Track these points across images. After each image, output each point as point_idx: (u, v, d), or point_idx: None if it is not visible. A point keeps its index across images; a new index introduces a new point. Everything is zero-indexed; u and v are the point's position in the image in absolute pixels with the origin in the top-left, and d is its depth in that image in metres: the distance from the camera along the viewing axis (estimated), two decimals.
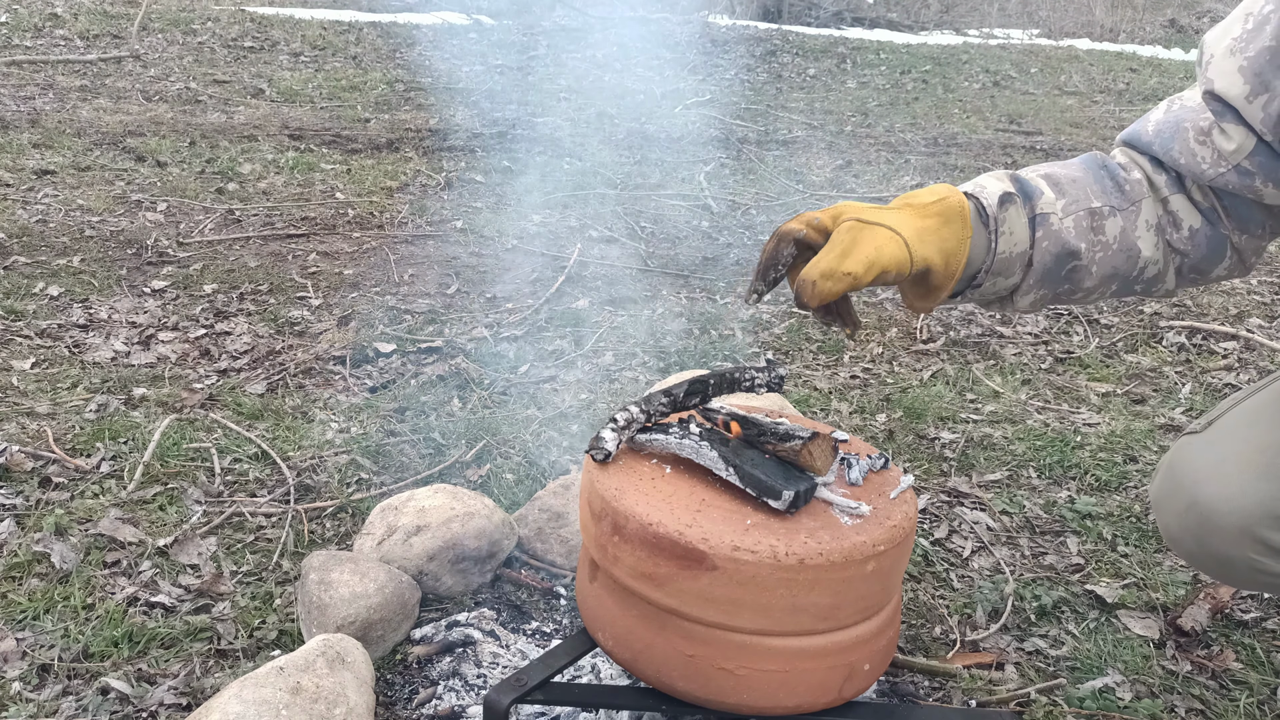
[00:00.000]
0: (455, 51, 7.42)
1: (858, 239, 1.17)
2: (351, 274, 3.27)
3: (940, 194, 1.23)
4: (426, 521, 1.75)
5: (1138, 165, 1.34)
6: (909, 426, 2.50)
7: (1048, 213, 1.28)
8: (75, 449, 2.13)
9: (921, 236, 1.21)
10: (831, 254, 1.16)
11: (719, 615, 1.14)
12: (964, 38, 10.66)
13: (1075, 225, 1.29)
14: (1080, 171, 1.32)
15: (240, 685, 1.32)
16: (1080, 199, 1.29)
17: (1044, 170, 1.33)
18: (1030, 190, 1.28)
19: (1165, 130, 1.31)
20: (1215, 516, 1.32)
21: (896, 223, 1.19)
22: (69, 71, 5.71)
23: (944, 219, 1.22)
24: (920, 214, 1.21)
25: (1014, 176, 1.30)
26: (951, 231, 1.22)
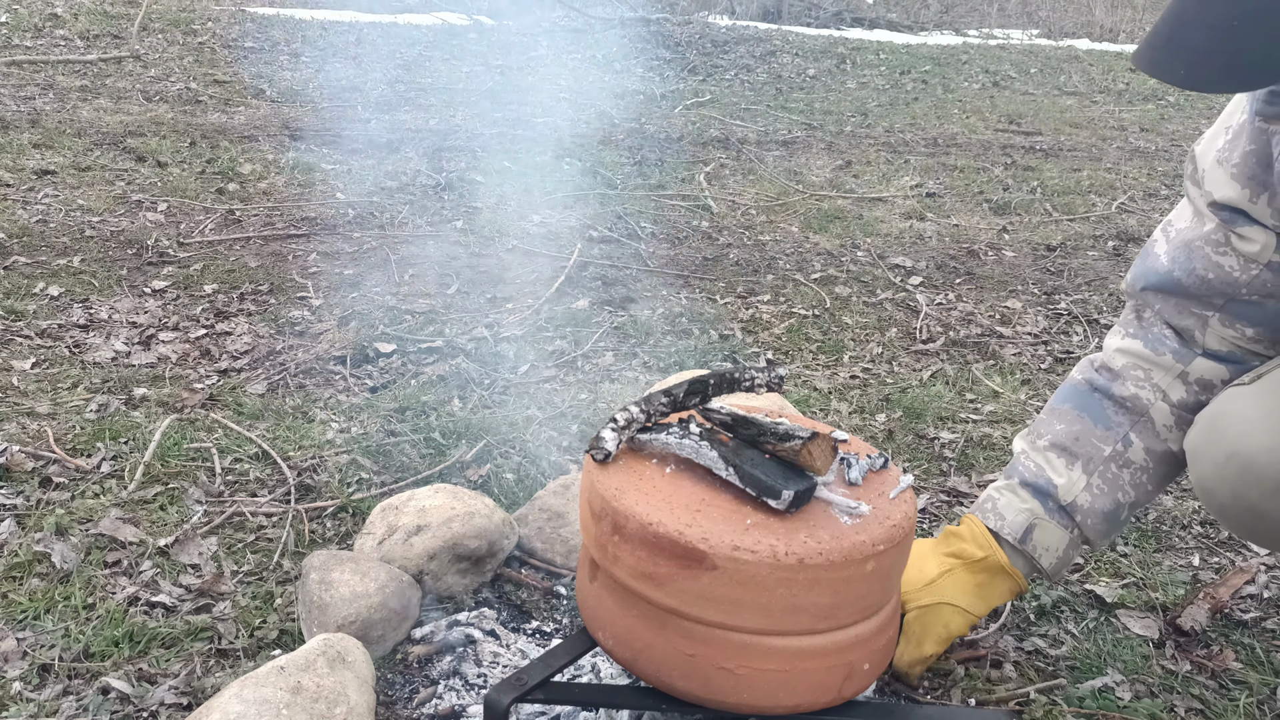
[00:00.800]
0: (455, 51, 7.42)
1: (927, 625, 1.40)
2: (351, 274, 3.27)
3: (984, 549, 1.42)
4: (427, 521, 1.75)
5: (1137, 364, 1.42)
6: (909, 426, 2.50)
7: (1072, 500, 1.43)
8: (76, 449, 2.13)
9: (980, 593, 1.41)
10: (910, 645, 1.40)
11: (719, 615, 1.14)
12: (964, 38, 10.66)
13: (1103, 482, 1.42)
14: (1078, 421, 1.45)
15: (241, 685, 1.32)
16: (1094, 455, 1.43)
17: (1049, 438, 1.46)
18: (1045, 489, 1.44)
19: (1179, 256, 1.39)
20: (1256, 468, 1.29)
21: (954, 594, 1.40)
22: (69, 71, 5.71)
23: (991, 574, 1.42)
24: (971, 571, 1.41)
25: (1025, 482, 1.45)
26: (1002, 581, 1.43)
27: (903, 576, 1.36)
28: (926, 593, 1.41)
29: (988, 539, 1.44)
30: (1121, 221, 4.47)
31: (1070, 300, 3.46)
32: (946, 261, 3.82)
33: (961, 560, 1.42)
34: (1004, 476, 1.53)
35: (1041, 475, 1.45)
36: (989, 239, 4.14)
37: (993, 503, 1.48)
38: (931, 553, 1.46)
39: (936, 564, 1.43)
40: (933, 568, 1.43)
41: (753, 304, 3.27)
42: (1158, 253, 1.45)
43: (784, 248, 3.86)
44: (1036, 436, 1.50)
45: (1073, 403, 1.48)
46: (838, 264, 3.70)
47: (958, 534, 1.46)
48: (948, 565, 1.42)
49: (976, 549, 1.43)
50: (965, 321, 3.23)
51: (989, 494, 1.51)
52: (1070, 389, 1.51)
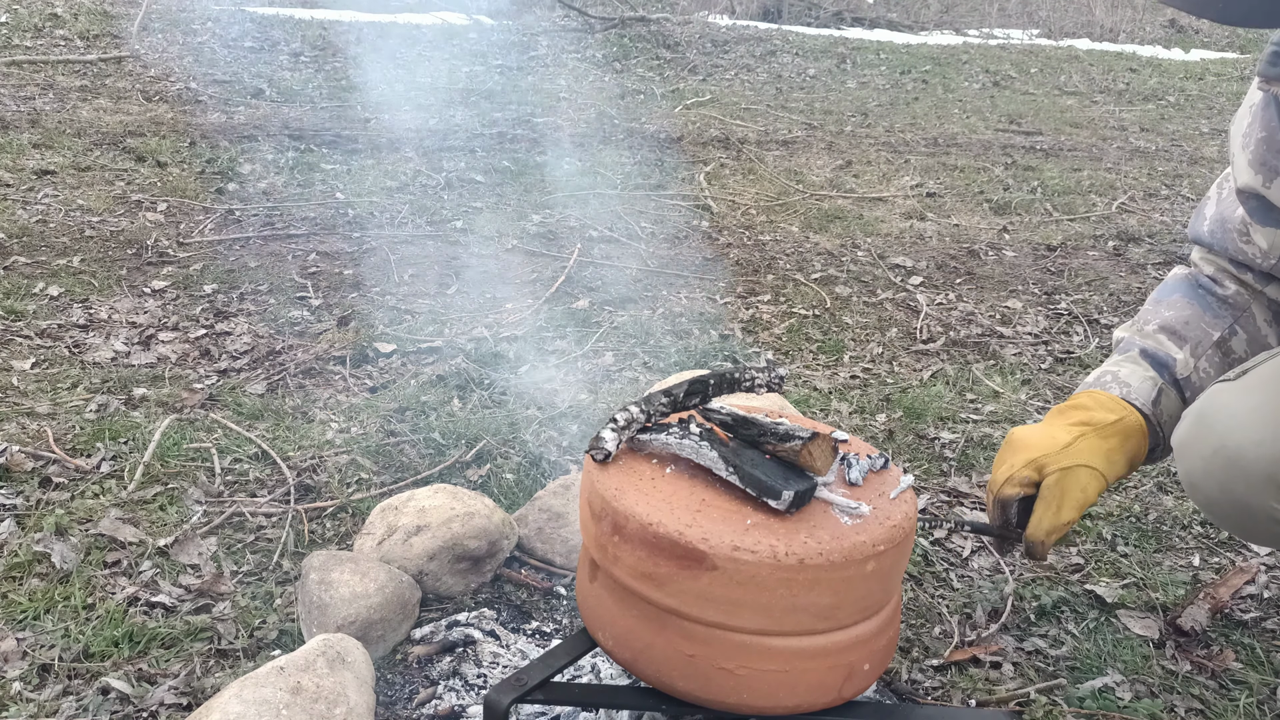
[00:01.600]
0: (455, 51, 7.41)
1: (1066, 489, 1.35)
2: (351, 274, 3.27)
3: (1116, 411, 1.39)
4: (426, 521, 1.75)
5: (1226, 272, 1.47)
6: (909, 426, 2.50)
7: (1186, 375, 1.43)
8: (75, 449, 2.13)
9: (1110, 459, 1.37)
10: (1049, 510, 1.34)
11: (719, 615, 1.14)
12: (964, 38, 10.66)
13: (1210, 365, 1.42)
14: (1188, 308, 1.47)
15: (240, 685, 1.32)
16: (1202, 339, 1.44)
17: (1158, 322, 1.48)
18: (1164, 360, 1.44)
19: (1218, 231, 1.46)
20: (1243, 461, 1.30)
21: (1090, 457, 1.36)
22: (69, 71, 5.71)
23: (1124, 436, 1.38)
24: (1102, 436, 1.38)
25: (1145, 352, 1.45)
26: (1134, 444, 1.39)
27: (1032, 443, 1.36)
28: (1065, 455, 1.35)
29: (1118, 403, 1.40)
30: (1121, 221, 4.47)
31: (1070, 300, 3.46)
32: (947, 261, 3.82)
33: (1092, 426, 1.38)
34: (1117, 354, 1.51)
35: (1159, 350, 1.45)
36: (989, 239, 4.14)
37: (1113, 375, 1.45)
38: (1057, 422, 1.41)
39: (1066, 431, 1.38)
40: (1063, 434, 1.38)
41: (753, 304, 3.27)
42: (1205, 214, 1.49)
43: (784, 248, 3.86)
44: (1144, 323, 1.50)
45: (1181, 293, 1.49)
46: (838, 264, 3.70)
47: (1079, 405, 1.41)
48: (1079, 431, 1.38)
49: (1107, 413, 1.39)
50: (965, 321, 3.23)
51: (1104, 370, 1.48)
52: (1176, 283, 1.52)
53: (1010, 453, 1.39)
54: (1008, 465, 1.37)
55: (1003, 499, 1.37)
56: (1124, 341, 1.52)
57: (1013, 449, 1.39)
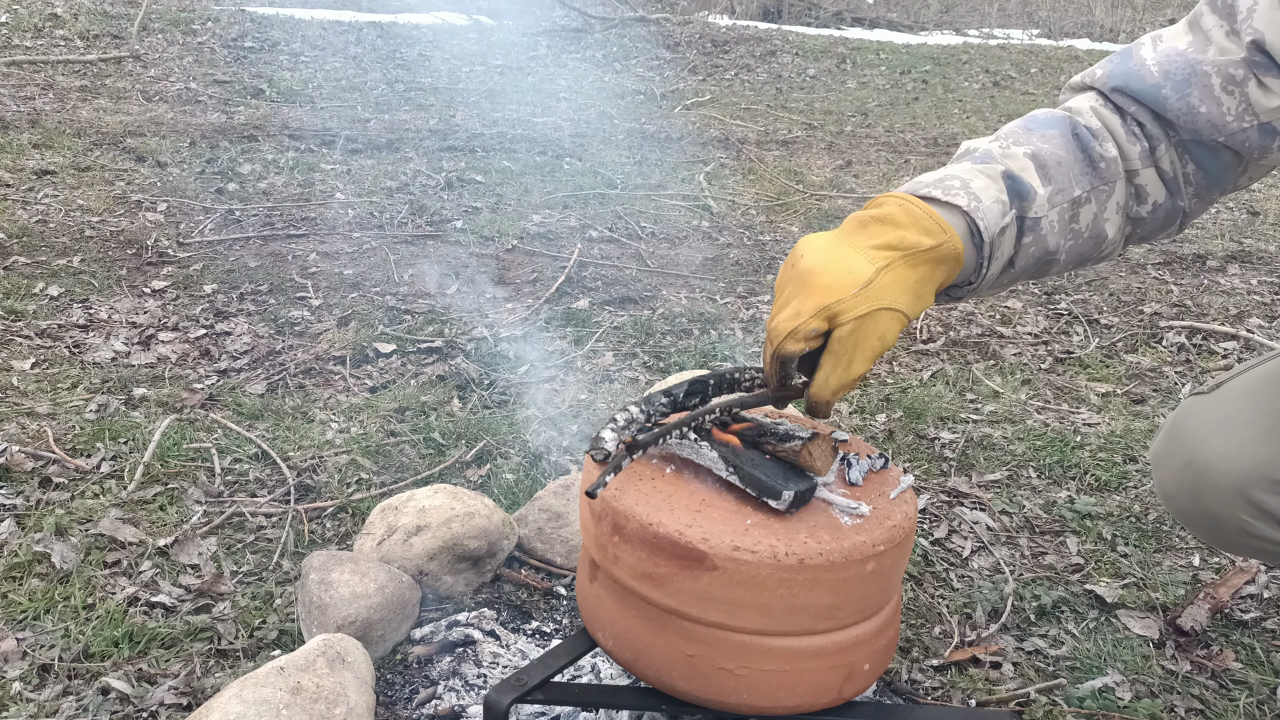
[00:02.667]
0: (455, 51, 7.42)
1: (859, 339, 1.10)
2: (351, 274, 3.27)
3: (933, 234, 1.12)
4: (426, 521, 1.75)
5: (1111, 134, 1.24)
6: (909, 426, 2.50)
7: (1038, 217, 1.19)
8: (75, 449, 2.13)
9: (918, 292, 1.12)
10: (839, 367, 1.11)
11: (719, 615, 1.14)
12: (964, 38, 10.66)
13: (1058, 220, 1.21)
14: (1064, 150, 1.22)
15: (240, 685, 1.32)
16: (1065, 187, 1.20)
17: (1030, 149, 1.21)
18: (1023, 191, 1.19)
19: (1176, 74, 1.21)
20: (1212, 475, 1.32)
21: (893, 296, 1.10)
22: (69, 71, 5.71)
23: (936, 264, 1.13)
24: (911, 264, 1.11)
25: (1008, 174, 1.19)
26: (944, 272, 1.14)
27: (823, 282, 1.09)
28: (864, 299, 1.08)
29: (936, 222, 1.12)
30: None
31: (1070, 300, 3.46)
32: None
33: (900, 251, 1.11)
34: (971, 162, 1.21)
35: (1024, 176, 1.19)
36: None
37: (961, 182, 1.16)
38: (852, 246, 1.13)
39: (867, 260, 1.10)
40: (863, 265, 1.10)
41: (753, 304, 3.27)
42: (1144, 58, 1.23)
43: (784, 248, 3.86)
44: (1013, 142, 1.23)
45: (1059, 130, 1.23)
46: None
47: (887, 220, 1.13)
48: (884, 259, 1.10)
49: (923, 235, 1.11)
50: (965, 321, 3.23)
51: (950, 173, 1.19)
52: (1056, 119, 1.25)
53: (797, 289, 1.11)
54: (792, 311, 1.10)
55: (784, 355, 1.11)
56: (981, 152, 1.23)
57: (800, 284, 1.11)
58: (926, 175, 1.20)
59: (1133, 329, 3.21)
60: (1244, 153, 1.21)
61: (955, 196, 1.15)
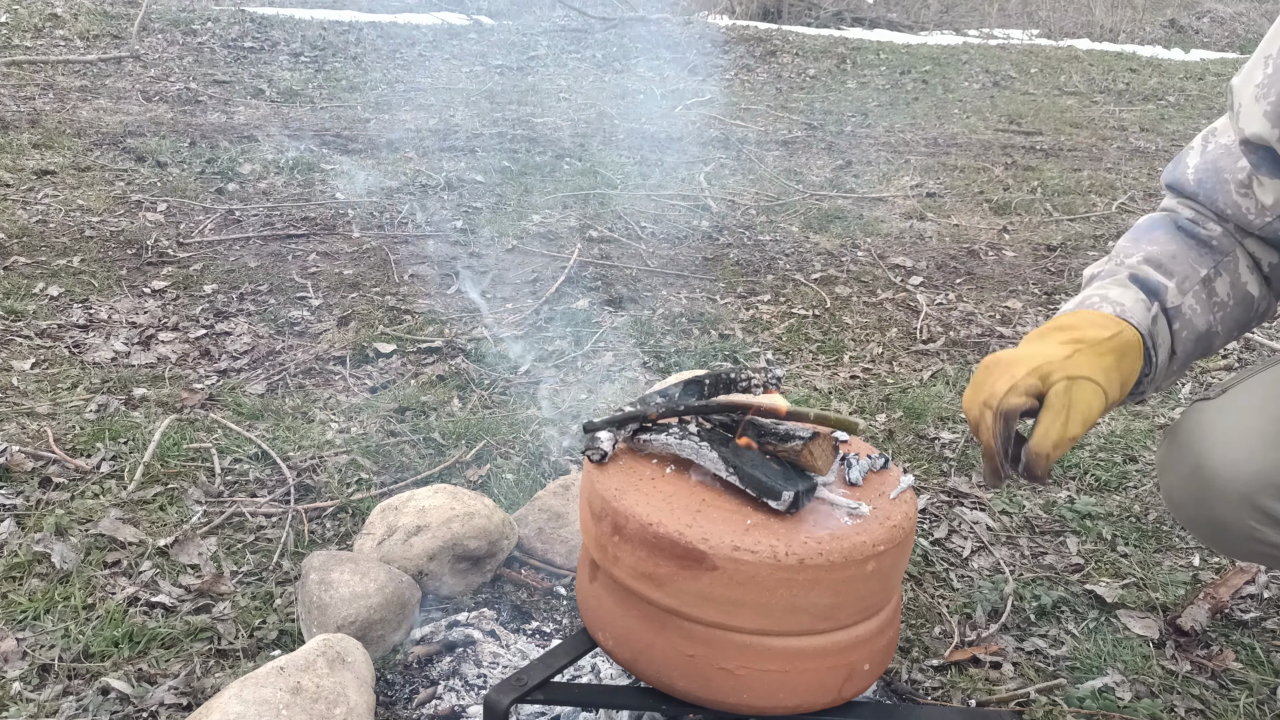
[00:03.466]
0: (455, 52, 7.41)
1: (1073, 401, 1.21)
2: (351, 274, 3.27)
3: (1109, 328, 1.26)
4: (426, 521, 1.75)
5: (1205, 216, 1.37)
6: (909, 426, 2.50)
7: (1177, 305, 1.32)
8: (75, 449, 2.13)
9: (1108, 375, 1.24)
10: (1057, 423, 1.20)
11: (719, 615, 1.14)
12: (964, 38, 10.66)
13: (1197, 302, 1.33)
14: (1173, 244, 1.35)
15: (240, 685, 1.32)
16: (1189, 274, 1.33)
17: (1142, 254, 1.36)
18: (1154, 287, 1.32)
19: (1207, 180, 1.34)
20: (1218, 481, 1.31)
21: (1091, 370, 1.23)
22: (69, 71, 5.71)
23: (1120, 354, 1.25)
24: (1098, 352, 1.24)
25: (1135, 278, 1.33)
26: (1129, 364, 1.26)
27: (1023, 357, 1.21)
28: (1069, 365, 1.20)
29: (1110, 319, 1.26)
30: (1122, 221, 4.46)
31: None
32: (947, 261, 3.82)
33: (1085, 343, 1.23)
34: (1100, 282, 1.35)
35: (1149, 277, 1.32)
36: (989, 239, 4.14)
37: (1100, 296, 1.30)
38: (1045, 340, 1.26)
39: (1059, 348, 1.23)
40: (1056, 350, 1.23)
41: (753, 304, 3.27)
42: (1188, 163, 1.37)
43: (784, 248, 3.86)
44: (1125, 256, 1.36)
45: (1163, 230, 1.37)
46: (838, 264, 3.70)
47: (1064, 325, 1.27)
48: (1072, 348, 1.23)
49: (1100, 330, 1.24)
50: (965, 321, 3.23)
51: (1089, 293, 1.32)
52: (1156, 221, 1.39)
53: (1001, 369, 1.23)
54: (1007, 377, 1.21)
55: (1007, 410, 1.20)
56: (1103, 273, 1.37)
57: (1003, 365, 1.23)
58: (1066, 304, 1.36)
59: None
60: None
61: (1101, 307, 1.30)
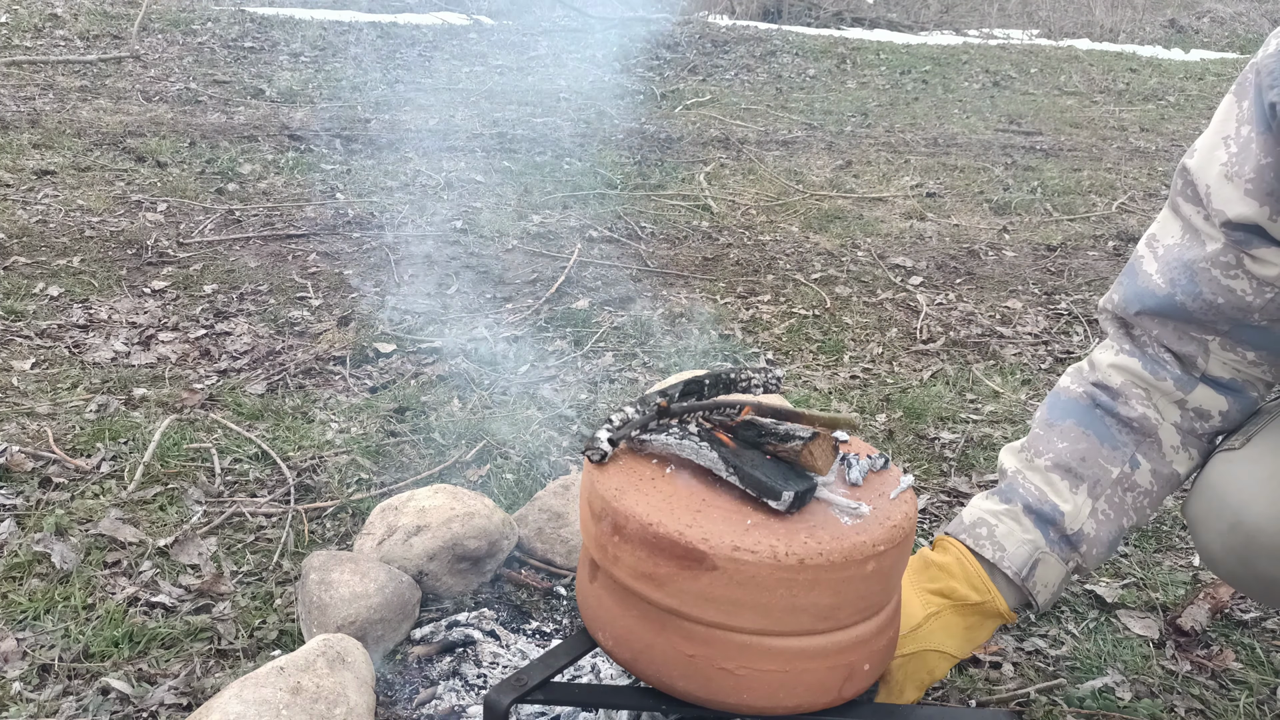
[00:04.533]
0: (455, 52, 7.41)
1: (909, 673, 1.31)
2: (351, 274, 3.27)
3: (980, 592, 1.30)
4: (426, 521, 1.75)
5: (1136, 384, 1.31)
6: (909, 427, 2.50)
7: (1078, 530, 1.32)
8: (75, 449, 2.13)
9: (967, 637, 1.31)
10: (890, 693, 1.31)
11: (719, 615, 1.14)
12: (964, 38, 10.65)
13: (1110, 506, 1.32)
14: (1083, 439, 1.32)
15: (240, 685, 1.32)
16: (1101, 478, 1.31)
17: (1050, 458, 1.33)
18: (1050, 516, 1.32)
19: (1180, 278, 1.27)
20: (1262, 537, 1.25)
21: (941, 640, 1.30)
22: (69, 72, 5.71)
23: (983, 617, 1.31)
24: (960, 613, 1.30)
25: (1028, 508, 1.32)
26: (991, 625, 1.33)
27: None
28: (911, 640, 1.29)
29: (984, 580, 1.31)
30: (1122, 221, 4.46)
31: (1070, 300, 3.46)
32: (947, 261, 3.82)
33: (951, 601, 1.30)
34: (999, 498, 1.37)
35: (1045, 501, 1.32)
36: (989, 239, 4.14)
37: (988, 529, 1.33)
38: (913, 589, 1.32)
39: (921, 604, 1.30)
40: (917, 609, 1.29)
41: (753, 304, 3.27)
42: (1149, 272, 1.31)
43: (784, 248, 3.86)
44: (1034, 454, 1.36)
45: (1075, 418, 1.34)
46: (838, 264, 3.70)
47: (944, 569, 1.32)
48: (935, 607, 1.30)
49: (971, 591, 1.30)
50: (965, 321, 3.23)
51: (981, 517, 1.35)
52: (1071, 404, 1.36)
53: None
54: None
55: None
56: (1010, 478, 1.37)
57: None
58: (970, 510, 1.38)
59: None
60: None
61: (983, 548, 1.33)
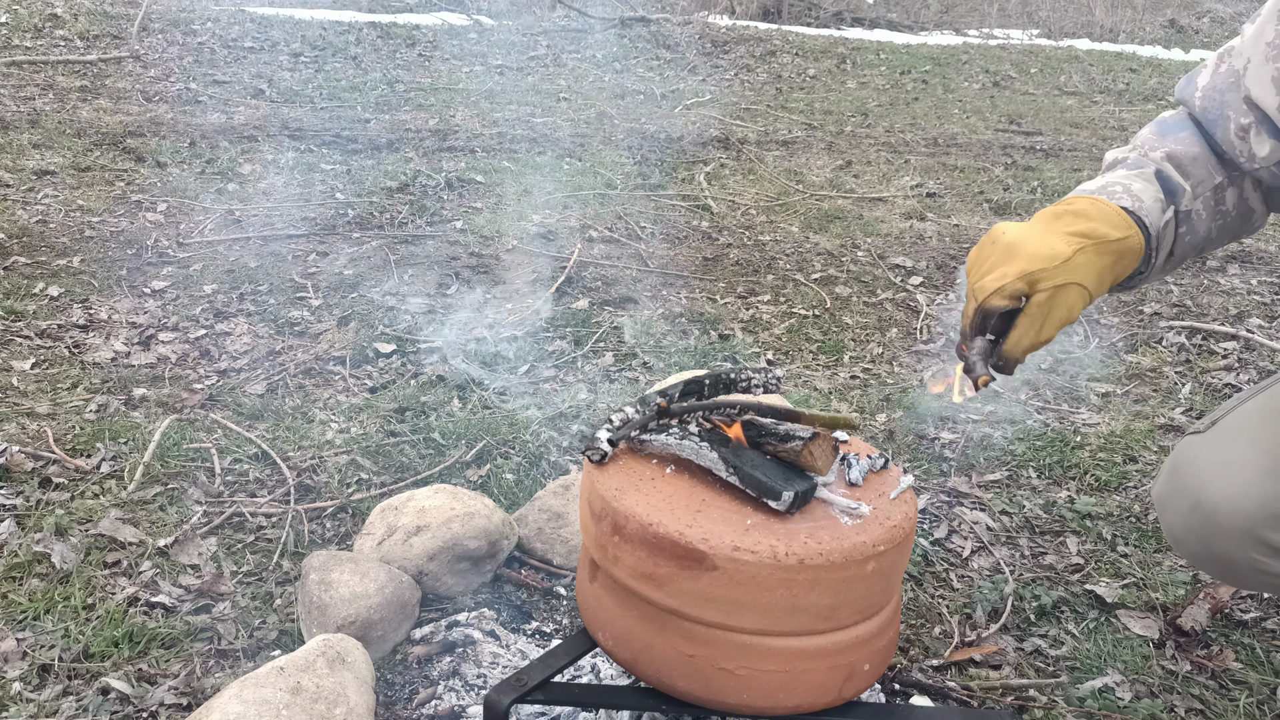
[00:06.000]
0: (455, 52, 7.41)
1: (1054, 307, 1.24)
2: (351, 274, 3.27)
3: (1121, 229, 1.25)
4: (426, 521, 1.75)
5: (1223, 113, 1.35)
6: (909, 427, 2.50)
7: (1188, 210, 1.33)
8: (75, 449, 2.13)
9: (1101, 277, 1.26)
10: (1033, 328, 1.23)
11: (719, 615, 1.14)
12: (964, 38, 10.65)
13: (1205, 209, 1.34)
14: (1195, 146, 1.35)
15: (240, 685, 1.32)
16: (1204, 179, 1.34)
17: (1165, 151, 1.35)
18: (1174, 188, 1.33)
19: (1210, 110, 1.34)
20: (1219, 517, 1.32)
21: (1084, 275, 1.24)
22: (69, 72, 5.70)
23: (1120, 256, 1.26)
24: (1100, 251, 1.25)
25: (1159, 174, 1.33)
26: (1125, 265, 1.28)
27: (1027, 251, 1.22)
28: (1062, 271, 1.22)
29: (1124, 219, 1.26)
30: None
31: None
32: (947, 261, 3.82)
33: (1092, 240, 1.24)
34: (1126, 168, 1.35)
35: (1171, 176, 1.33)
36: None
37: (1123, 187, 1.30)
38: (1054, 228, 1.26)
39: (1065, 242, 1.24)
40: (1062, 245, 1.23)
41: (753, 304, 3.27)
42: (1198, 84, 1.37)
43: (784, 248, 3.86)
44: (1149, 149, 1.36)
45: (1189, 130, 1.37)
46: (838, 264, 3.70)
47: (1079, 211, 1.27)
48: (1078, 244, 1.23)
49: (1112, 229, 1.25)
50: None
51: (1112, 180, 1.32)
52: (1182, 122, 1.38)
53: (1002, 257, 1.24)
54: (999, 273, 1.23)
55: (987, 309, 1.24)
56: (1129, 160, 1.37)
57: (1005, 253, 1.24)
58: (1087, 184, 1.35)
59: (1133, 329, 3.21)
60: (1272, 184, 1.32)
61: (1121, 199, 1.28)
